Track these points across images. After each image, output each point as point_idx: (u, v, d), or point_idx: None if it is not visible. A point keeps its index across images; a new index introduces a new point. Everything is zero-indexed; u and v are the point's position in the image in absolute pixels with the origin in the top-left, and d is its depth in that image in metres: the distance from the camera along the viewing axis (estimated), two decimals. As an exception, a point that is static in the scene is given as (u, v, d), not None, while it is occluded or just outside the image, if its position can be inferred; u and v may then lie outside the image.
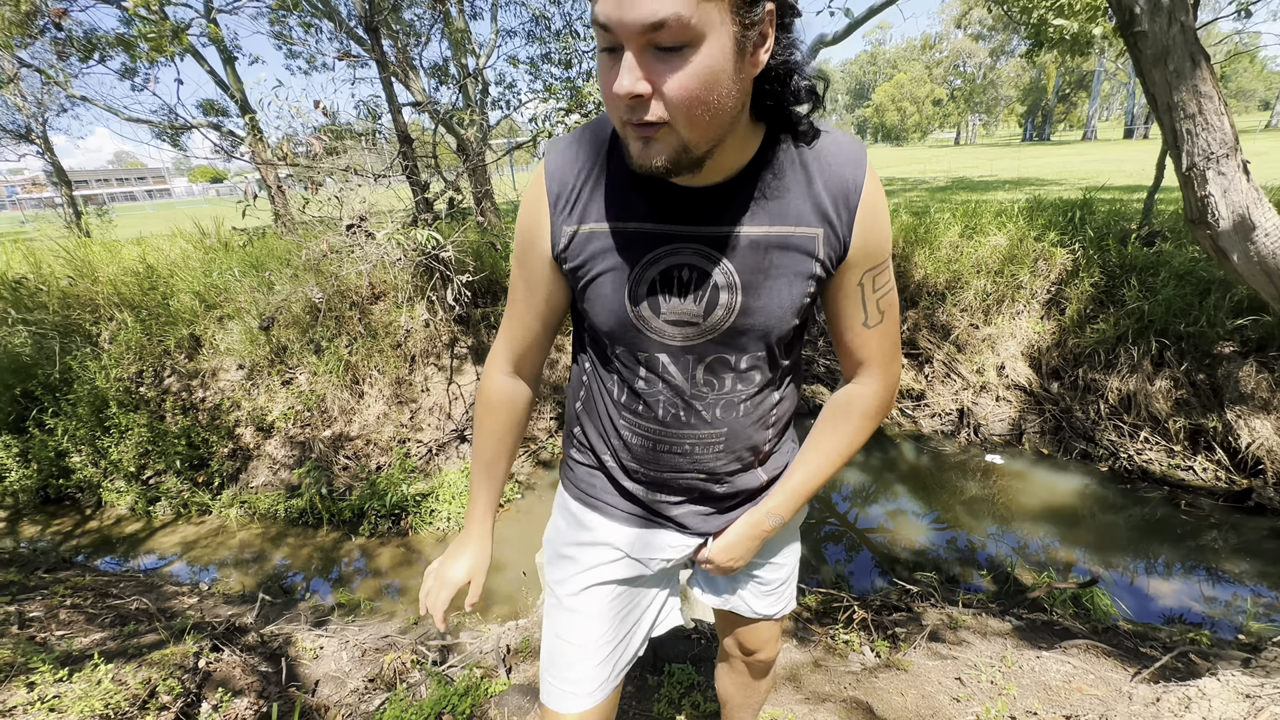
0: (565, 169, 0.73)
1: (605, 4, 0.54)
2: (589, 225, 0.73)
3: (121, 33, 7.80)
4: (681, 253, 0.71)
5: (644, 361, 0.77)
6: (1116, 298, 4.11)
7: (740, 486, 0.89)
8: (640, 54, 0.55)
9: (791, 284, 0.72)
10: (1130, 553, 3.14)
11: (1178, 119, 1.27)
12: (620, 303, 0.73)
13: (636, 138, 0.60)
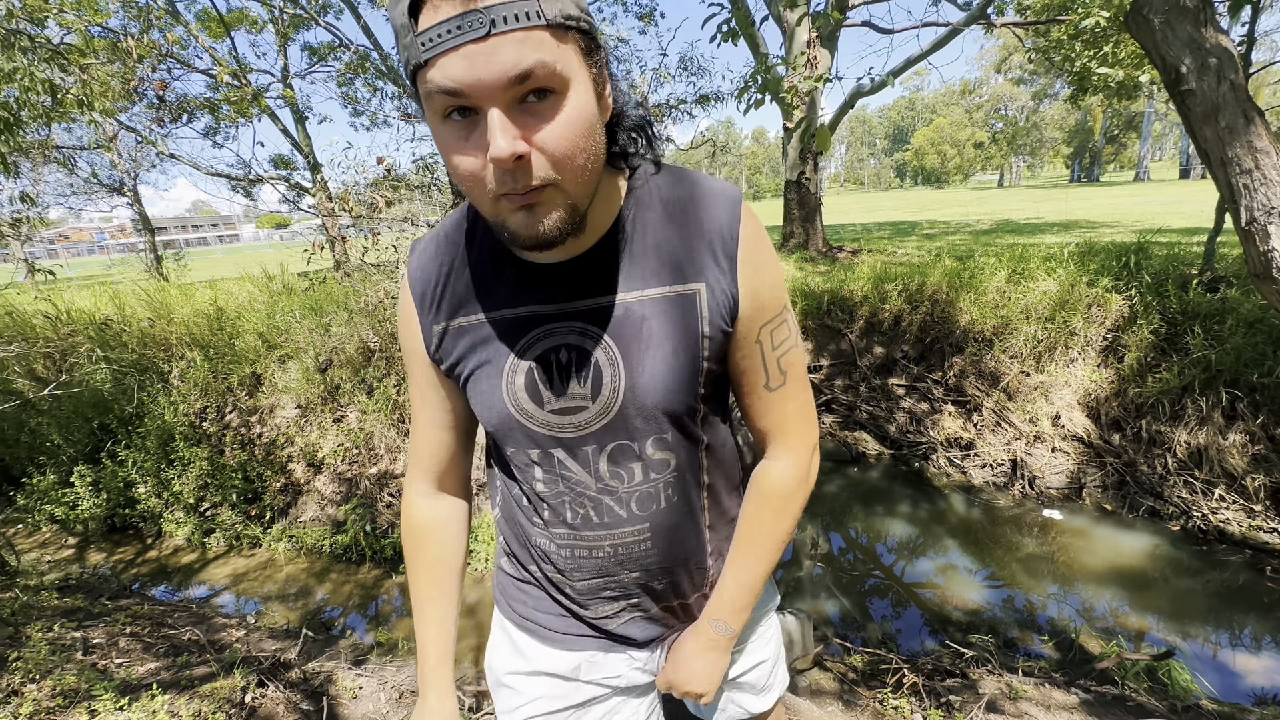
0: (427, 267, 0.68)
1: (452, 66, 0.47)
2: (457, 320, 0.67)
3: (209, 97, 8.61)
4: (556, 334, 0.64)
5: (538, 460, 0.68)
6: (1179, 346, 3.92)
7: (686, 585, 0.77)
8: (508, 111, 0.49)
9: (677, 351, 0.64)
10: (1211, 622, 2.90)
11: (1233, 174, 1.25)
12: (499, 398, 0.66)
13: (518, 208, 0.53)
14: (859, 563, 3.67)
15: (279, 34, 9.39)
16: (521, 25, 0.46)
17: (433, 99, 0.49)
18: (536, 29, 0.47)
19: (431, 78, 0.48)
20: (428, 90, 0.49)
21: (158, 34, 8.48)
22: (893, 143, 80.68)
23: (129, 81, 5.45)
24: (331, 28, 6.41)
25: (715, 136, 7.67)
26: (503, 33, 0.46)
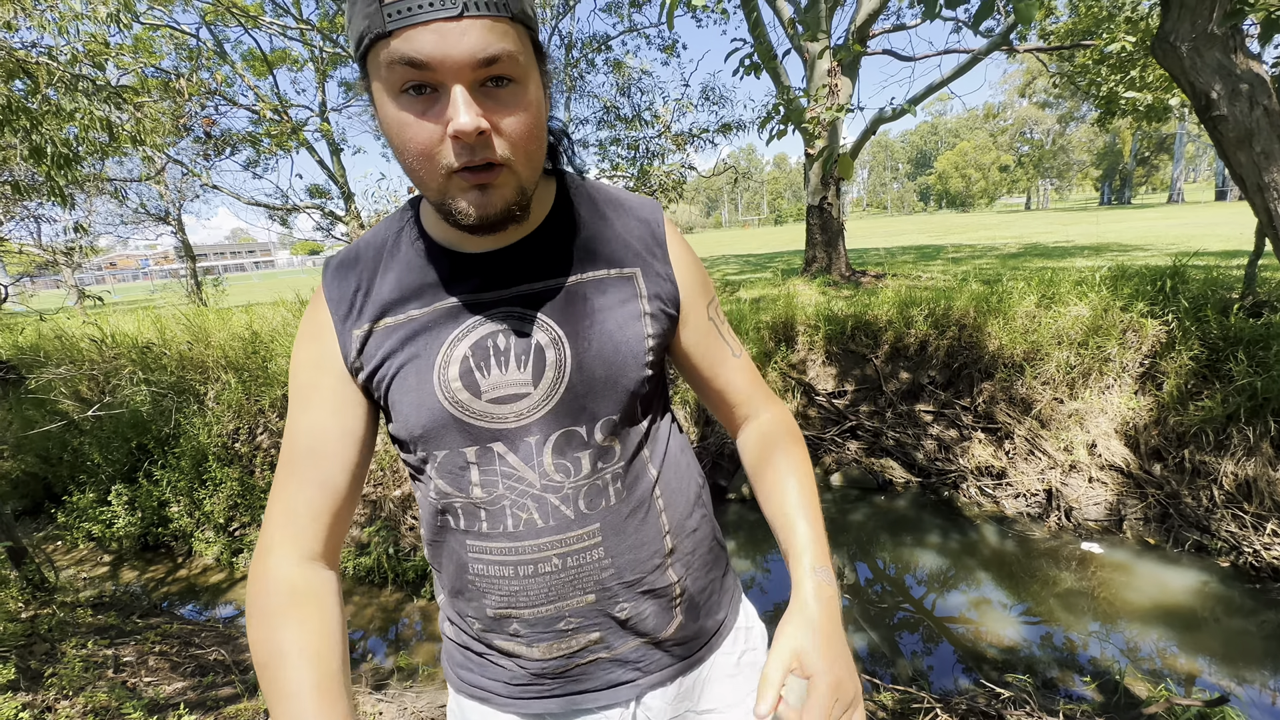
0: (343, 279, 0.65)
1: (421, 39, 0.47)
2: (383, 320, 0.63)
3: (250, 131, 9.03)
4: (492, 319, 0.62)
5: (475, 459, 0.62)
6: (1222, 372, 3.78)
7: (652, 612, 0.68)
8: (472, 90, 0.50)
9: (623, 324, 0.64)
10: (1269, 666, 2.73)
11: (1271, 199, 1.22)
12: (429, 393, 0.61)
13: (472, 186, 0.53)
14: (887, 595, 3.56)
15: (318, 71, 9.86)
16: (492, 13, 0.48)
17: (393, 69, 0.49)
18: (504, 19, 0.49)
19: (397, 47, 0.48)
20: (388, 60, 0.49)
21: (206, 74, 8.97)
22: (916, 167, 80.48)
23: (179, 118, 5.76)
24: (367, 65, 6.72)
25: (737, 163, 7.77)
26: (474, 16, 0.47)
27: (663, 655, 0.70)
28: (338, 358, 0.64)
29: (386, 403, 0.64)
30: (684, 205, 56.48)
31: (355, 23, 0.50)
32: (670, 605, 0.69)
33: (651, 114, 7.47)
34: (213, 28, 9.10)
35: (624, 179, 5.14)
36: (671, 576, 0.68)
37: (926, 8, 1.24)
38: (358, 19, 0.50)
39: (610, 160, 9.76)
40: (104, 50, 3.66)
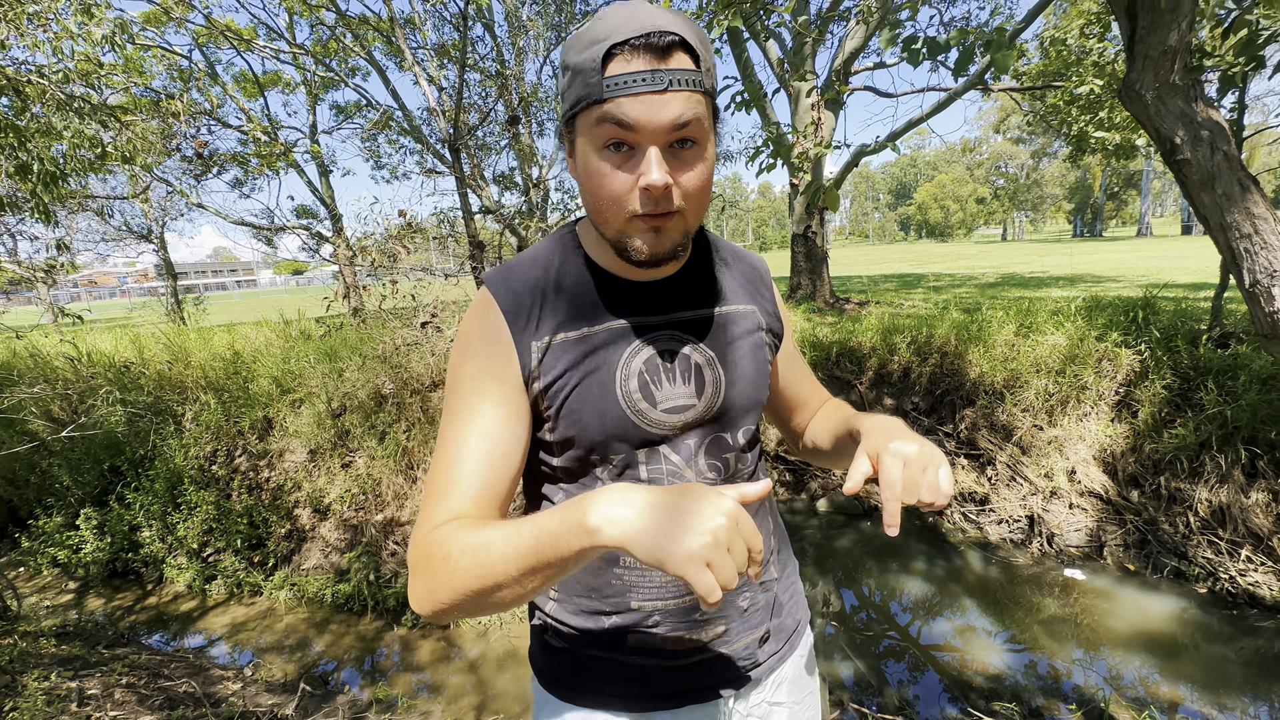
0: (517, 289, 0.71)
1: (631, 106, 0.57)
2: (561, 335, 0.69)
3: (238, 151, 9.03)
4: (658, 340, 0.72)
5: (644, 460, 0.71)
6: (1193, 401, 3.89)
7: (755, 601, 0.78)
8: (664, 151, 0.60)
9: (754, 353, 0.78)
10: (1247, 693, 2.76)
11: (1233, 238, 1.29)
12: (613, 402, 0.69)
13: (648, 229, 0.63)
14: (873, 622, 3.55)
15: (310, 94, 9.93)
16: (688, 89, 0.59)
17: (601, 128, 0.59)
18: (697, 93, 0.60)
19: (609, 111, 0.58)
20: (599, 119, 0.59)
21: (197, 94, 9.00)
22: (896, 197, 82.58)
23: (169, 138, 5.76)
24: (359, 89, 6.78)
25: (723, 191, 7.93)
26: (675, 90, 0.58)
27: (764, 651, 0.80)
28: (511, 363, 0.69)
29: (563, 409, 0.69)
30: (670, 231, 56.81)
31: (574, 89, 0.61)
32: (770, 597, 0.81)
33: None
34: (205, 50, 9.16)
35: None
36: (774, 571, 0.82)
37: (910, 56, 1.31)
38: (577, 86, 0.60)
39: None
40: (95, 70, 3.67)
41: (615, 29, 0.58)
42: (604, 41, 0.58)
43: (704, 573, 0.46)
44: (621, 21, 0.58)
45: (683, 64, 0.58)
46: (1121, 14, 1.39)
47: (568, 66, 0.62)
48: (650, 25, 0.57)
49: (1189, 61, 1.24)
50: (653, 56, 0.57)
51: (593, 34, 0.59)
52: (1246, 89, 4.00)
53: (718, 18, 1.70)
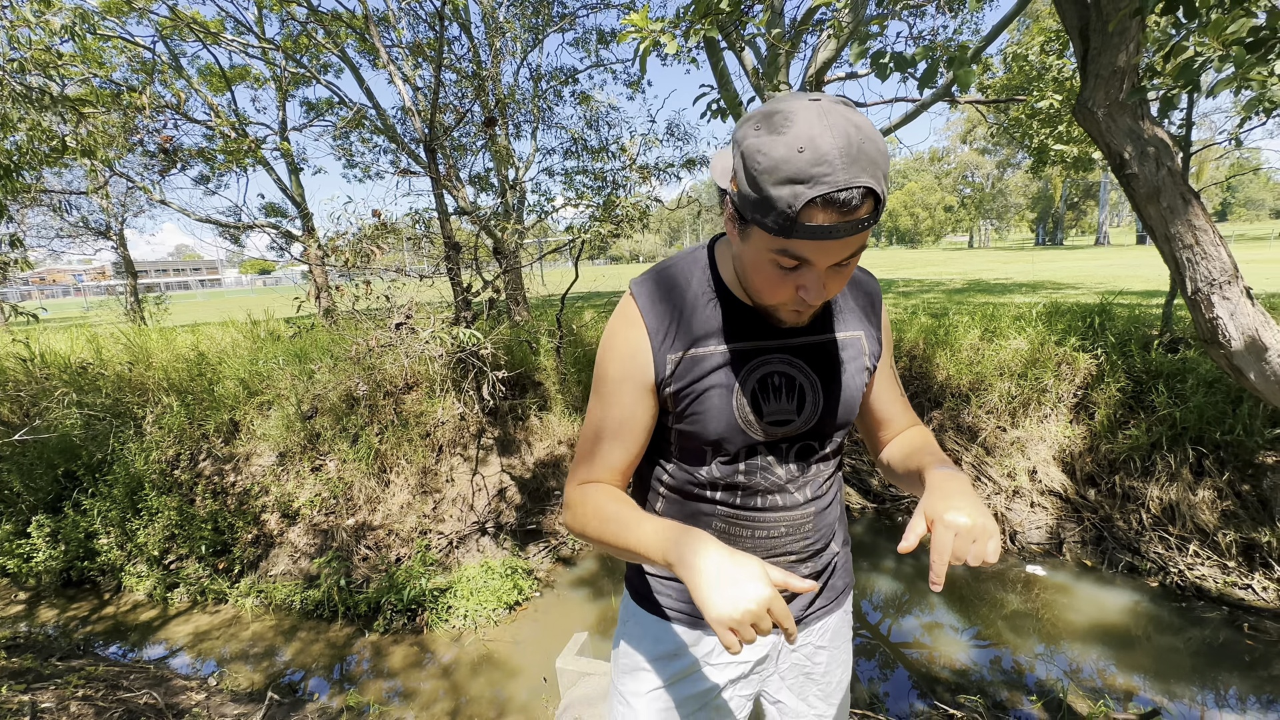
0: (660, 307, 0.85)
1: (811, 247, 0.66)
2: (692, 351, 0.84)
3: (204, 147, 8.78)
4: (770, 362, 0.85)
5: (746, 458, 0.88)
6: (1145, 403, 4.07)
7: (817, 567, 0.97)
8: (827, 271, 0.70)
9: (854, 376, 0.90)
10: (1195, 681, 2.90)
11: (1177, 249, 1.37)
12: (728, 409, 0.84)
13: (792, 313, 0.78)
14: (845, 620, 3.62)
15: (280, 90, 9.71)
16: (860, 231, 0.65)
17: (779, 252, 0.68)
18: (866, 232, 0.66)
19: (791, 246, 0.66)
20: (781, 248, 0.67)
21: (160, 87, 8.72)
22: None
23: (131, 132, 5.57)
24: (331, 85, 6.66)
25: (700, 196, 8.01)
26: (854, 234, 0.65)
27: (815, 605, 0.98)
28: (648, 372, 0.84)
29: (689, 409, 0.85)
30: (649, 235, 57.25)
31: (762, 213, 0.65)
32: (832, 560, 0.99)
33: (618, 146, 7.67)
34: (169, 42, 8.89)
35: (590, 208, 5.24)
36: (835, 548, 0.99)
37: (878, 70, 1.37)
38: (769, 216, 0.65)
39: (576, 190, 9.89)
40: (54, 60, 3.55)
41: (818, 175, 0.60)
42: (806, 187, 0.61)
43: (727, 633, 0.63)
44: (824, 165, 0.60)
45: (867, 212, 0.64)
46: (1075, 36, 1.47)
47: (762, 190, 0.64)
48: (848, 178, 0.60)
49: (1136, 82, 1.32)
50: (843, 213, 0.62)
51: (797, 169, 0.61)
52: (1194, 108, 4.22)
53: (694, 27, 1.75)
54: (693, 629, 0.95)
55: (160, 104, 6.34)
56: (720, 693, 0.96)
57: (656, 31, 1.58)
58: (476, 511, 4.42)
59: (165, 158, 6.20)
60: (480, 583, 3.82)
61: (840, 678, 1.06)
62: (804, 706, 1.03)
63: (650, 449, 0.94)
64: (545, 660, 3.19)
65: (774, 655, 0.99)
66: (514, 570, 3.96)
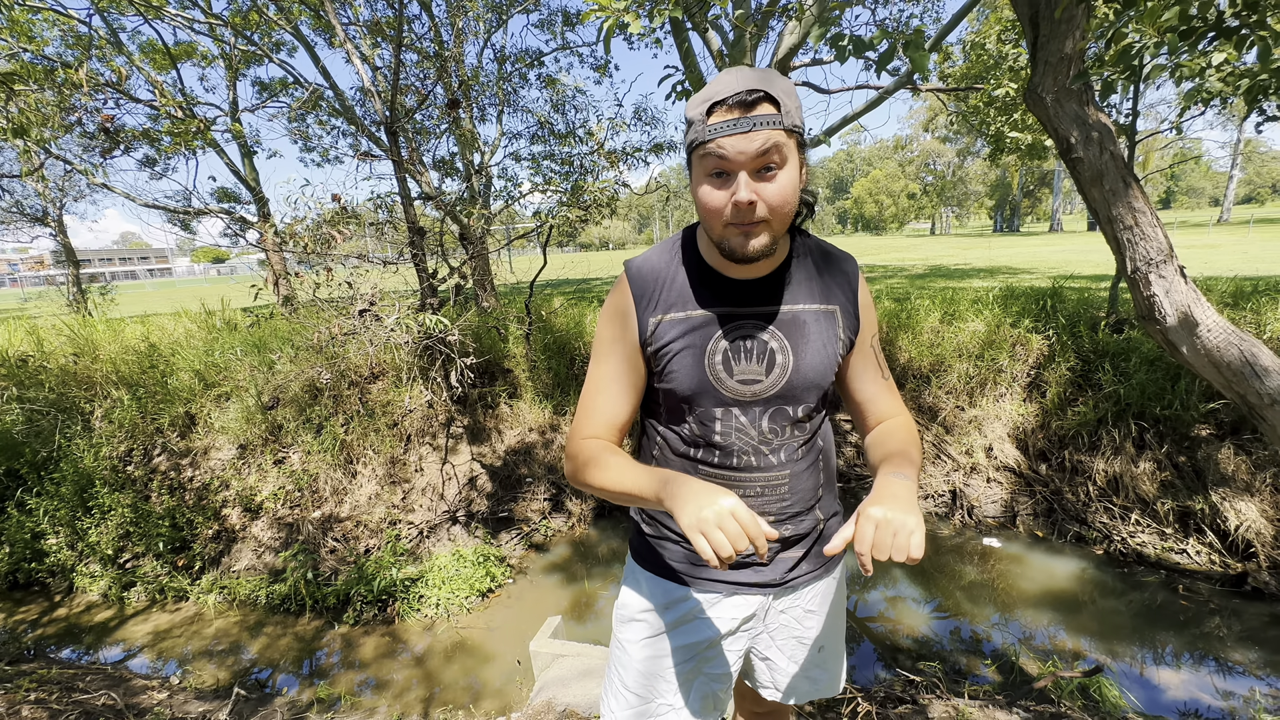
0: (644, 278, 0.96)
1: (724, 143, 0.77)
2: (670, 315, 0.94)
3: (149, 127, 8.34)
4: (743, 328, 0.93)
5: (720, 416, 0.95)
6: (1093, 381, 4.27)
7: (798, 530, 1.02)
8: (751, 175, 0.79)
9: (825, 345, 0.95)
10: (1134, 640, 3.09)
11: (1118, 229, 1.44)
12: (700, 368, 0.93)
13: (739, 234, 0.83)
14: (813, 595, 3.73)
15: (230, 69, 9.27)
16: (769, 126, 0.77)
17: (705, 161, 0.80)
18: (777, 130, 0.77)
19: (710, 149, 0.79)
20: (704, 155, 0.80)
21: (98, 63, 8.23)
22: (834, 191, 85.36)
23: (68, 111, 5.26)
24: (285, 65, 6.39)
25: (668, 181, 8.00)
26: (758, 130, 0.76)
27: (799, 570, 1.03)
28: (633, 332, 0.95)
29: (666, 368, 0.94)
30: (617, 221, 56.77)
31: (690, 134, 0.82)
32: (815, 528, 1.03)
33: (585, 131, 7.59)
34: (106, 15, 8.37)
35: (557, 194, 5.18)
36: (818, 514, 1.04)
37: (837, 52, 1.39)
38: (692, 132, 0.81)
39: (544, 175, 9.75)
40: (-22, 32, 3.31)
41: (718, 91, 0.79)
42: (708, 100, 0.79)
43: (699, 537, 0.71)
44: (724, 85, 0.79)
45: (765, 111, 0.77)
46: (1026, 23, 1.51)
47: (687, 119, 0.82)
48: (742, 86, 0.77)
49: (1082, 68, 1.37)
50: (741, 109, 0.77)
51: (704, 95, 0.80)
52: (1140, 97, 4.40)
53: (658, 7, 1.73)
54: (685, 585, 1.03)
55: (99, 82, 5.99)
56: (709, 646, 1.03)
57: (620, 10, 1.56)
58: (447, 500, 4.38)
59: (106, 138, 5.87)
60: (452, 571, 3.80)
61: (833, 645, 1.12)
62: (793, 666, 1.10)
63: (644, 414, 1.06)
64: (519, 645, 3.20)
65: (761, 614, 1.06)
66: (486, 558, 3.95)
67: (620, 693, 1.06)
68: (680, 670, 1.03)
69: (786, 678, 1.10)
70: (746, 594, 1.03)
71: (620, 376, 0.97)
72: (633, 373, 0.97)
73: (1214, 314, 1.44)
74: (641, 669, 1.04)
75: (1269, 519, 3.47)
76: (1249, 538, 3.45)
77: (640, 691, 1.04)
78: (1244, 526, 3.48)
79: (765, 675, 1.12)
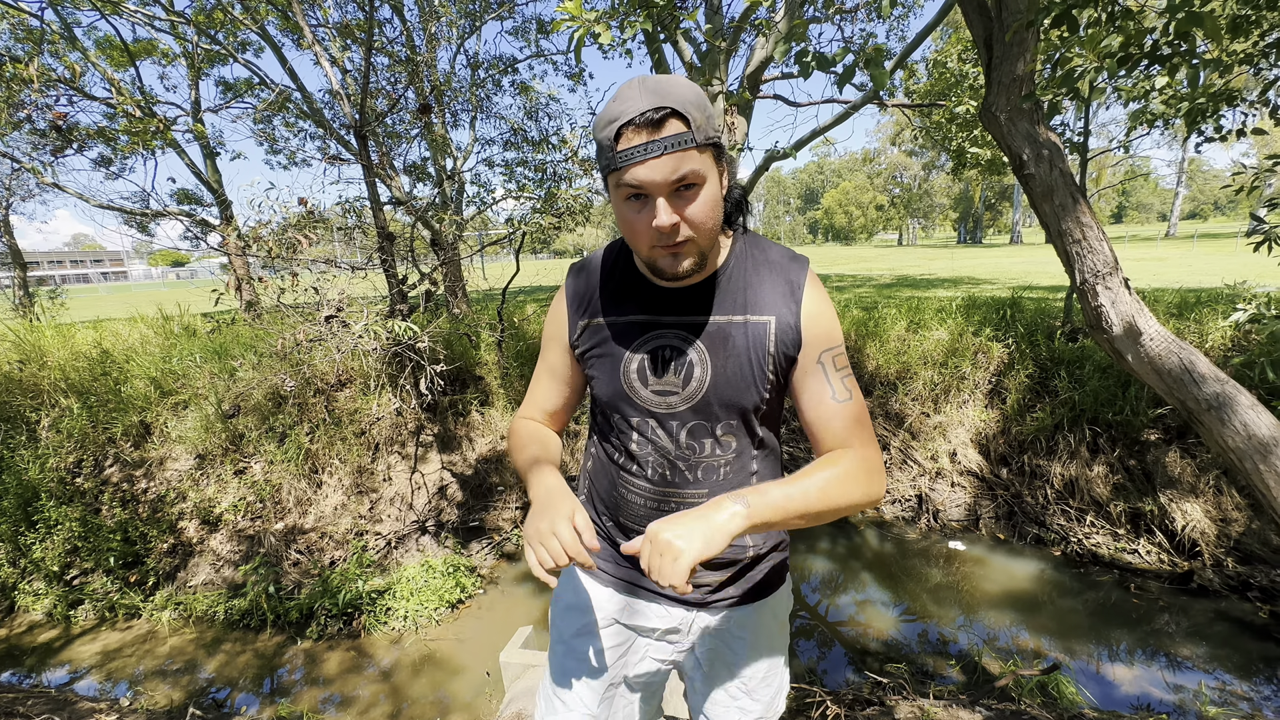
0: (579, 284, 0.98)
1: (637, 172, 0.74)
2: (597, 319, 0.94)
3: (105, 126, 8.05)
4: (664, 337, 0.90)
5: (636, 425, 0.93)
6: (1050, 388, 4.44)
7: (726, 554, 0.97)
8: (669, 198, 0.76)
9: (750, 360, 0.88)
10: (1090, 638, 3.20)
11: (1068, 243, 1.51)
12: (615, 375, 0.91)
13: (666, 254, 0.81)
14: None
15: (192, 68, 9.03)
16: (680, 148, 0.73)
17: (620, 188, 0.77)
18: (690, 149, 0.74)
19: (624, 178, 0.75)
20: (617, 183, 0.77)
21: (50, 59, 7.92)
22: (805, 202, 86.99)
23: (19, 107, 5.04)
24: (251, 65, 6.25)
25: (642, 190, 8.04)
26: (670, 153, 0.73)
27: (721, 593, 1.00)
28: (564, 333, 0.98)
29: (589, 372, 0.96)
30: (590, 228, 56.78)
31: (601, 160, 0.78)
32: (740, 561, 0.99)
33: (559, 138, 7.60)
34: (60, 9, 8.07)
35: (530, 200, 5.17)
36: (748, 541, 0.98)
37: (801, 68, 1.44)
38: (602, 158, 0.78)
39: (517, 181, 9.71)
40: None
41: (622, 111, 0.73)
42: (614, 123, 0.74)
43: (527, 548, 0.78)
44: (627, 103, 0.74)
45: (674, 130, 0.73)
46: (981, 45, 1.58)
47: (596, 141, 0.79)
48: (646, 105, 0.72)
49: (1031, 89, 1.45)
50: (649, 130, 0.73)
51: (608, 115, 0.75)
52: (1091, 117, 4.61)
53: (629, 19, 1.76)
54: (606, 587, 1.04)
55: (51, 77, 5.76)
56: (632, 647, 1.04)
57: (591, 21, 1.58)
58: (416, 510, 4.30)
59: (58, 136, 5.65)
60: (421, 582, 3.73)
61: (766, 675, 1.05)
62: (721, 694, 1.05)
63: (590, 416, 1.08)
64: (490, 656, 3.15)
65: (685, 629, 1.02)
66: (456, 568, 3.88)
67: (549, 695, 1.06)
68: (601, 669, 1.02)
69: (716, 706, 1.06)
70: (668, 605, 1.01)
71: (554, 371, 1.01)
72: (566, 369, 1.00)
73: (1156, 324, 1.52)
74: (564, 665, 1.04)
75: (1212, 519, 3.64)
76: (1194, 537, 3.62)
77: (562, 695, 1.03)
78: (1190, 526, 3.64)
79: (696, 702, 1.09)
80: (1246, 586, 3.41)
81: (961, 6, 1.63)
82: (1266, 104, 2.44)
